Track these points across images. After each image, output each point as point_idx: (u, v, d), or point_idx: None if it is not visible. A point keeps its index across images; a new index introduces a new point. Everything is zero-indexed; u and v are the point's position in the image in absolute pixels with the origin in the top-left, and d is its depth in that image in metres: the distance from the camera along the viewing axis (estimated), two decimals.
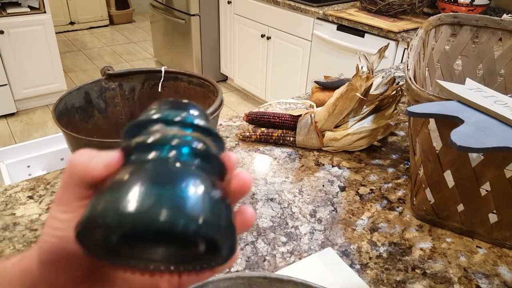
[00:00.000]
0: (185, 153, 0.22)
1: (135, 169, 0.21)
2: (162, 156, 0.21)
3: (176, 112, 0.24)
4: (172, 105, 0.25)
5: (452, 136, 0.40)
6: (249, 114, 0.81)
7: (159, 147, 0.22)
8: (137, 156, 0.22)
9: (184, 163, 0.21)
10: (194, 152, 0.22)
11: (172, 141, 0.22)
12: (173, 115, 0.24)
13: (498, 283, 0.51)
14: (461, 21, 0.79)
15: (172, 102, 0.25)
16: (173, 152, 0.22)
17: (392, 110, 0.77)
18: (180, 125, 0.23)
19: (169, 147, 0.22)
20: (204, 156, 0.22)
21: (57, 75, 2.74)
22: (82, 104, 0.55)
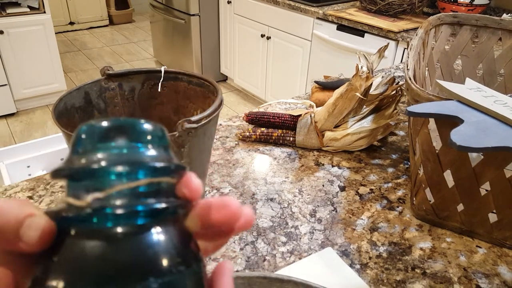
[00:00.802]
0: (138, 222, 0.17)
1: (72, 259, 0.16)
2: (107, 233, 0.17)
3: (120, 149, 0.18)
4: (115, 133, 0.19)
5: (452, 136, 0.40)
6: (249, 114, 0.81)
7: (102, 218, 0.17)
8: (75, 230, 0.17)
9: (137, 240, 0.17)
10: (149, 212, 0.18)
11: (117, 208, 0.17)
12: (116, 158, 0.18)
13: (498, 282, 0.51)
14: (461, 21, 0.79)
15: (114, 129, 0.19)
16: (121, 225, 0.17)
17: (392, 110, 0.77)
18: (127, 174, 0.18)
19: (114, 216, 0.17)
20: (165, 214, 0.18)
21: (57, 75, 2.74)
22: (82, 104, 0.55)
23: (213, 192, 0.65)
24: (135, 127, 0.19)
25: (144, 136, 0.19)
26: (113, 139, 0.18)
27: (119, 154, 0.18)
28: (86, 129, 0.19)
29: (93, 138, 0.18)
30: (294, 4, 2.19)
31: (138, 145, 0.19)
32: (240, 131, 0.80)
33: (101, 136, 0.18)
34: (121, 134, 0.19)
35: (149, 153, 0.19)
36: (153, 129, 0.20)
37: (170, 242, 0.18)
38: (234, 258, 0.53)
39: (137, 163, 0.18)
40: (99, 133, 0.18)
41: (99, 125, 0.19)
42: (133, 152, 0.18)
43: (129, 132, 0.19)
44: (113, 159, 0.18)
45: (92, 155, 0.18)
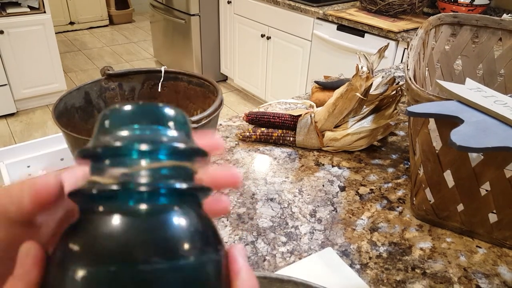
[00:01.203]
0: (162, 201, 0.18)
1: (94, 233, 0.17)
2: (130, 210, 0.17)
3: (143, 130, 0.19)
4: (139, 116, 0.19)
5: (452, 136, 0.40)
6: (249, 114, 0.81)
7: (126, 195, 0.17)
8: (99, 207, 0.17)
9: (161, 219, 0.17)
10: (172, 193, 0.18)
11: (140, 186, 0.17)
12: (140, 139, 0.18)
13: (498, 282, 0.51)
14: (461, 21, 0.79)
15: (137, 112, 0.19)
16: (143, 203, 0.17)
17: (392, 110, 0.77)
18: (150, 153, 0.18)
19: (137, 194, 0.17)
20: (186, 197, 0.18)
21: (57, 75, 2.74)
22: (82, 104, 0.55)
23: (213, 192, 0.65)
24: (158, 111, 0.20)
25: (167, 120, 0.20)
26: (137, 121, 0.19)
27: (141, 134, 0.18)
28: (111, 113, 0.19)
29: (117, 120, 0.19)
30: (294, 4, 2.19)
31: (161, 127, 0.19)
32: (240, 131, 0.80)
33: (125, 119, 0.19)
34: (145, 117, 0.19)
35: (172, 135, 0.19)
36: (175, 113, 0.20)
37: (191, 224, 0.18)
38: None
39: (160, 143, 0.18)
40: (123, 116, 0.19)
41: (123, 109, 0.19)
42: (155, 133, 0.19)
43: (152, 116, 0.19)
44: (136, 138, 0.18)
45: (116, 135, 0.18)
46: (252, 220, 0.59)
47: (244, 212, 0.61)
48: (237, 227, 0.58)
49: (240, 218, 0.60)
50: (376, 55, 0.80)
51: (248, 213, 0.61)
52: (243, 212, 0.61)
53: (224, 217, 0.60)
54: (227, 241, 0.55)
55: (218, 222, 0.59)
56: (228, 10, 2.77)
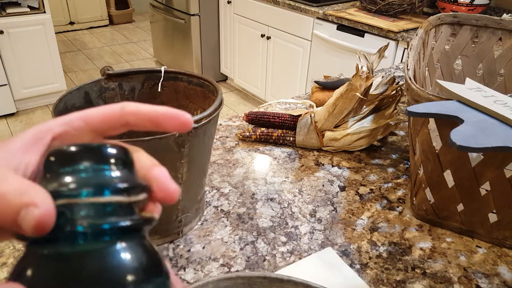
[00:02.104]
0: (105, 238, 0.18)
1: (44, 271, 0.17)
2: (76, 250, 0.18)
3: (86, 171, 0.19)
4: (82, 157, 0.20)
5: (452, 135, 0.40)
6: (249, 114, 0.81)
7: (68, 236, 0.18)
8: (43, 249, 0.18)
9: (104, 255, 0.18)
10: (113, 230, 0.18)
11: (83, 225, 0.18)
12: (83, 184, 0.19)
13: (498, 282, 0.51)
14: (461, 21, 0.79)
15: (81, 152, 0.20)
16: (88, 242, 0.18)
17: (392, 110, 0.77)
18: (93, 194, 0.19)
19: (81, 234, 0.18)
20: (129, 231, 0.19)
21: (57, 75, 2.74)
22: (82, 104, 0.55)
23: (213, 192, 0.65)
24: (100, 150, 0.20)
25: (108, 158, 0.20)
26: (79, 162, 0.20)
27: (85, 176, 0.19)
28: (55, 153, 0.20)
29: (61, 161, 0.20)
30: (294, 4, 2.19)
31: (103, 167, 0.20)
32: (240, 131, 0.80)
33: (69, 159, 0.20)
34: (88, 157, 0.20)
35: (115, 175, 0.20)
36: (117, 152, 0.21)
37: (136, 258, 0.19)
38: (234, 258, 0.53)
39: (102, 183, 0.19)
40: (67, 157, 0.20)
41: (67, 149, 0.20)
42: (98, 174, 0.19)
43: (95, 155, 0.20)
44: (79, 181, 0.19)
45: (59, 177, 0.19)
46: (252, 220, 0.59)
47: (244, 212, 0.61)
48: (237, 227, 0.58)
49: (240, 218, 0.60)
50: (376, 55, 0.80)
51: (248, 213, 0.61)
52: (243, 212, 0.61)
53: (224, 217, 0.60)
54: (227, 241, 0.55)
55: (218, 222, 0.59)
56: (228, 10, 2.77)
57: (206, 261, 0.52)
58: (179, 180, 0.50)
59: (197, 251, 0.53)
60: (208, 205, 0.62)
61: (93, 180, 0.19)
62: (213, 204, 0.62)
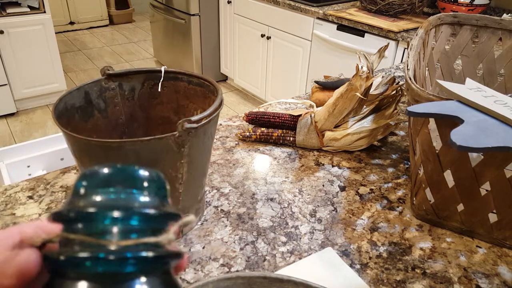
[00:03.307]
0: (129, 269, 0.18)
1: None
2: (98, 277, 0.17)
3: (118, 195, 0.19)
4: (115, 179, 0.19)
5: (452, 135, 0.40)
6: (249, 114, 0.81)
7: (94, 262, 0.18)
8: (68, 273, 0.18)
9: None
10: (139, 261, 0.18)
11: (109, 255, 0.18)
12: (112, 205, 0.19)
13: (498, 282, 0.51)
14: (461, 21, 0.79)
15: (114, 175, 0.19)
16: (111, 270, 0.18)
17: (392, 110, 0.77)
18: (122, 220, 0.18)
19: (106, 262, 0.18)
20: (154, 265, 0.19)
21: (57, 75, 2.74)
22: (82, 104, 0.55)
23: (213, 192, 0.65)
24: (134, 174, 0.20)
25: (143, 183, 0.20)
26: (113, 184, 0.19)
27: (115, 200, 0.19)
28: (88, 175, 0.20)
29: (93, 183, 0.19)
30: (294, 4, 2.19)
31: (135, 191, 0.19)
32: (240, 131, 0.80)
33: (101, 182, 0.19)
34: (121, 180, 0.19)
35: (145, 200, 0.19)
36: (151, 176, 0.20)
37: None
38: (234, 258, 0.53)
39: (132, 209, 0.19)
40: (100, 179, 0.19)
41: (100, 171, 0.20)
42: (129, 198, 0.19)
43: (128, 179, 0.20)
44: (109, 204, 0.19)
45: (90, 199, 0.19)
46: (252, 220, 0.59)
47: (244, 212, 0.61)
48: (237, 227, 0.58)
49: (240, 218, 0.60)
50: (376, 55, 0.80)
51: (248, 213, 0.61)
52: (243, 212, 0.61)
53: (224, 217, 0.60)
54: (227, 241, 0.55)
55: (218, 222, 0.59)
56: (228, 10, 2.77)
57: (206, 261, 0.52)
58: (179, 180, 0.50)
59: (197, 251, 0.53)
60: (208, 205, 0.62)
61: (122, 206, 0.18)
62: (213, 204, 0.62)
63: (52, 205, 0.61)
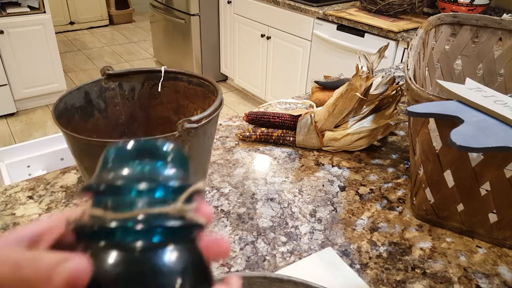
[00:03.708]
0: (157, 238, 0.19)
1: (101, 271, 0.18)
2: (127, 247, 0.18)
3: (143, 168, 0.20)
4: (140, 153, 0.20)
5: (452, 135, 0.40)
6: (249, 114, 0.81)
7: (124, 233, 0.18)
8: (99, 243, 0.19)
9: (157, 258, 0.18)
10: (166, 231, 0.19)
11: (137, 225, 0.18)
12: (138, 178, 0.19)
13: (498, 282, 0.51)
14: (461, 21, 0.79)
15: (139, 149, 0.20)
16: (140, 240, 0.18)
17: (392, 110, 0.77)
18: (148, 192, 0.19)
19: (134, 232, 0.18)
20: (180, 234, 0.20)
21: (57, 75, 2.74)
22: (82, 104, 0.55)
23: (213, 192, 0.65)
24: (158, 147, 0.21)
25: (166, 156, 0.21)
26: (138, 158, 0.20)
27: (141, 172, 0.20)
28: (114, 149, 0.21)
29: (120, 157, 0.21)
30: (294, 4, 2.19)
31: (159, 164, 0.21)
32: (240, 131, 0.80)
33: (127, 155, 0.21)
34: (145, 154, 0.21)
35: (169, 172, 0.21)
36: (173, 150, 0.21)
37: (182, 261, 0.19)
38: (234, 258, 0.53)
39: (158, 181, 0.20)
40: (126, 153, 0.21)
41: (126, 145, 0.21)
42: (154, 171, 0.20)
43: (153, 152, 0.21)
44: (135, 177, 0.20)
45: (117, 173, 0.20)
46: (252, 220, 0.59)
47: (244, 212, 0.61)
48: (237, 227, 0.58)
49: (240, 218, 0.60)
50: (376, 55, 0.80)
51: (248, 213, 0.61)
52: (243, 212, 0.61)
53: (224, 217, 0.60)
54: None
55: (218, 222, 0.59)
56: (228, 10, 2.77)
57: None
58: None
59: None
60: (208, 205, 0.62)
61: (148, 178, 0.20)
62: (213, 204, 0.62)
63: (52, 205, 0.61)
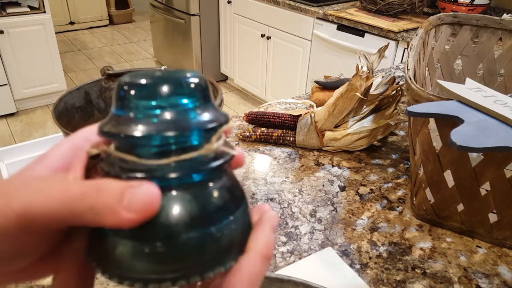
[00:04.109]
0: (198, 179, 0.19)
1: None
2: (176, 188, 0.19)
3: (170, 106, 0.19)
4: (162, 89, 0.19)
5: (452, 135, 0.40)
6: (249, 114, 0.81)
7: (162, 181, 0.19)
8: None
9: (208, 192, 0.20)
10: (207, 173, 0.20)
11: (174, 171, 0.19)
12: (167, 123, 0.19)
13: (498, 282, 0.51)
14: (461, 21, 0.79)
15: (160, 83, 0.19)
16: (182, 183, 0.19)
17: (392, 110, 0.77)
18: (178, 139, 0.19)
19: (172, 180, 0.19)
20: (218, 169, 0.20)
21: (57, 75, 2.74)
22: (82, 104, 0.55)
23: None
24: (181, 80, 0.20)
25: (189, 89, 0.20)
26: (161, 94, 0.19)
27: (168, 114, 0.19)
28: (134, 86, 0.19)
29: (140, 94, 0.19)
30: (294, 4, 2.19)
31: (183, 100, 0.20)
32: (240, 131, 0.80)
33: (149, 92, 0.19)
34: (169, 89, 0.19)
35: (196, 108, 0.20)
36: (196, 79, 0.20)
37: (227, 188, 0.21)
38: None
39: (187, 121, 0.19)
40: (146, 88, 0.19)
41: (144, 80, 0.19)
42: (180, 110, 0.19)
43: (176, 86, 0.20)
44: (165, 121, 0.19)
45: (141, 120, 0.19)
46: None
47: None
48: None
49: None
50: (376, 55, 0.80)
51: None
52: None
53: None
54: None
55: None
56: (228, 10, 2.77)
57: None
58: None
59: None
60: None
61: (180, 120, 0.19)
62: None
63: None
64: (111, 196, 0.17)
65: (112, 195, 0.17)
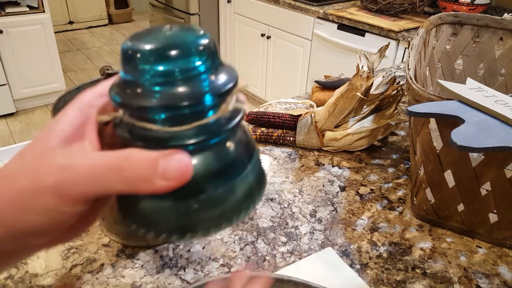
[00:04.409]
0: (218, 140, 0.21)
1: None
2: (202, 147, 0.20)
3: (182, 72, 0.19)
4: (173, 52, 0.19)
5: (453, 135, 0.40)
6: (249, 114, 0.81)
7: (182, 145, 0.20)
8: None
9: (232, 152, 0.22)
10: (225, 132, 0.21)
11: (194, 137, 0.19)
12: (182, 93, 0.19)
13: (498, 282, 0.51)
14: (462, 21, 0.79)
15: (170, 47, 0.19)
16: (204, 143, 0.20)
17: (393, 109, 0.77)
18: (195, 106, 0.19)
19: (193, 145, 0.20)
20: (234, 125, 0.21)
21: (56, 75, 2.74)
22: None
23: None
24: (191, 41, 0.20)
25: (200, 50, 0.20)
26: (172, 57, 0.19)
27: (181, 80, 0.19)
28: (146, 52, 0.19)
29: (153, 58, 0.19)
30: (294, 3, 2.19)
31: (196, 62, 0.19)
32: None
33: (162, 56, 0.19)
34: (179, 51, 0.19)
35: (213, 74, 0.20)
36: (206, 39, 0.20)
37: (242, 141, 0.23)
38: (234, 258, 0.52)
39: (201, 88, 0.19)
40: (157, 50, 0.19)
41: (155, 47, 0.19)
42: (194, 75, 0.19)
43: (187, 48, 0.19)
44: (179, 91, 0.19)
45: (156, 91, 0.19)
46: (252, 220, 0.59)
47: None
48: (237, 227, 0.58)
49: None
50: (377, 54, 0.80)
51: None
52: None
53: None
54: (227, 241, 0.55)
55: None
56: (228, 9, 2.77)
57: (206, 261, 0.52)
58: None
59: (197, 251, 0.53)
60: None
61: (195, 85, 0.19)
62: None
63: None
64: (144, 167, 0.18)
65: (145, 166, 0.18)
